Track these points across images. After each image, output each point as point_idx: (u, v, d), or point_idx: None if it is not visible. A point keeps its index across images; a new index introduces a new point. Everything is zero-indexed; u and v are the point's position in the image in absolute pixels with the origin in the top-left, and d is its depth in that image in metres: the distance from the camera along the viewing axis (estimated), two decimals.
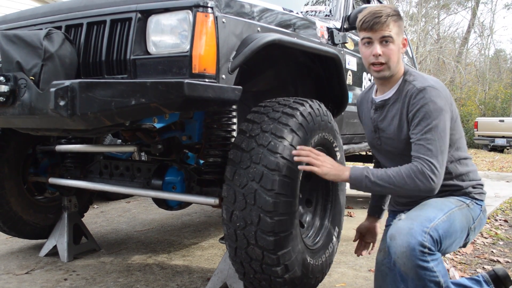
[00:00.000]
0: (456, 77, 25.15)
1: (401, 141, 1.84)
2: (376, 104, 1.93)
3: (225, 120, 2.24)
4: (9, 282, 2.55)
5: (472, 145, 18.09)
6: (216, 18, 1.82)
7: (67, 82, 1.64)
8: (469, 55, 28.78)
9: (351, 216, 4.29)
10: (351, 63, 3.26)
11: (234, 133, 2.25)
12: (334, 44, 2.95)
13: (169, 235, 3.63)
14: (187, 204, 2.78)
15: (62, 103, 1.63)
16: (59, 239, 2.99)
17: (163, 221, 4.15)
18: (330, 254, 2.40)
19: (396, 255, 1.58)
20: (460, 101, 22.24)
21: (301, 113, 2.05)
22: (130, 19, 1.90)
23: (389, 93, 1.88)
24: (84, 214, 3.40)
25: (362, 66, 3.45)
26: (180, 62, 1.79)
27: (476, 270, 2.85)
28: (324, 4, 3.44)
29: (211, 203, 2.16)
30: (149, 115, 1.89)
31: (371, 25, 1.75)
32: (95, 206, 4.81)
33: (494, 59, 27.48)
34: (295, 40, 2.31)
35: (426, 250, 1.55)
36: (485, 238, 3.67)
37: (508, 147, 16.07)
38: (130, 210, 4.68)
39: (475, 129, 16.66)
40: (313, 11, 3.38)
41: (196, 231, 3.76)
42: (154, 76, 1.84)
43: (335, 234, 2.48)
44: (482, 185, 1.93)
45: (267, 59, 2.55)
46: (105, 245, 3.30)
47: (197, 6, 1.78)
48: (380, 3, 4.11)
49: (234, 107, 2.27)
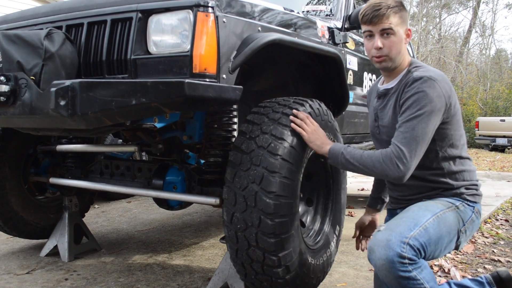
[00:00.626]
0: (457, 77, 25.14)
1: (395, 130, 1.83)
2: (379, 93, 1.94)
3: (226, 120, 2.24)
4: (10, 282, 2.55)
5: (473, 145, 18.08)
6: (217, 18, 1.82)
7: (68, 82, 1.64)
8: (470, 55, 28.77)
9: (352, 216, 4.29)
10: (352, 63, 3.25)
11: (235, 133, 2.25)
12: (335, 44, 2.95)
13: (170, 235, 3.63)
14: (188, 204, 2.78)
15: (63, 103, 1.63)
16: (60, 239, 2.99)
17: (164, 221, 4.15)
18: (331, 254, 2.40)
19: (377, 268, 1.57)
20: (462, 101, 22.22)
21: None
22: (131, 19, 1.90)
23: (393, 83, 1.88)
24: (85, 214, 3.41)
25: (363, 66, 3.45)
26: (181, 62, 1.79)
27: (477, 270, 2.84)
28: (325, 4, 3.44)
29: (212, 203, 2.15)
30: (150, 115, 1.89)
31: (371, 18, 1.77)
32: (96, 206, 4.81)
33: (495, 59, 27.46)
34: (296, 40, 2.31)
35: (406, 261, 1.53)
36: (486, 238, 3.67)
37: (509, 147, 16.06)
38: (131, 210, 4.68)
39: (476, 129, 16.66)
40: (314, 11, 3.38)
41: (197, 231, 3.76)
42: (155, 76, 1.84)
43: (336, 234, 2.48)
44: (478, 186, 1.89)
45: (268, 59, 2.55)
46: (106, 245, 3.30)
47: (198, 6, 1.78)
48: None
49: (235, 107, 2.27)
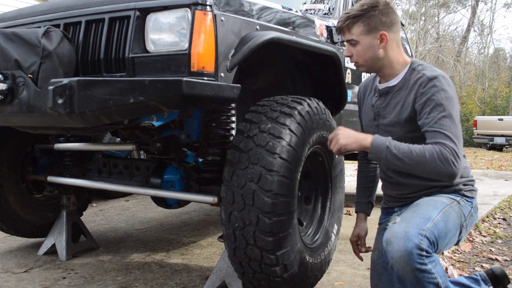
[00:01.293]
0: (456, 76, 25.16)
1: (401, 129, 1.83)
2: (380, 91, 1.93)
3: (224, 119, 2.24)
4: (8, 281, 2.55)
5: (471, 144, 18.11)
6: (215, 16, 1.82)
7: (66, 80, 1.64)
8: (469, 54, 28.80)
9: (350, 215, 4.30)
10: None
11: (233, 132, 2.25)
12: (333, 43, 2.95)
13: (168, 234, 3.63)
14: (186, 203, 2.78)
15: (60, 101, 1.63)
16: (58, 238, 2.99)
17: (162, 220, 4.15)
18: (329, 252, 2.40)
19: (394, 260, 1.56)
20: (460, 100, 22.25)
21: (299, 112, 2.05)
22: (129, 17, 1.89)
23: (395, 81, 1.87)
24: (83, 213, 3.40)
25: None
26: (179, 60, 1.79)
27: (475, 269, 2.85)
28: (323, 3, 3.43)
29: (210, 202, 2.15)
30: (148, 113, 1.89)
31: (338, 31, 1.88)
32: (94, 205, 4.81)
33: (494, 58, 27.48)
34: (294, 39, 2.31)
35: (424, 253, 1.54)
36: (484, 237, 3.68)
37: (507, 146, 16.09)
38: (129, 209, 4.68)
39: (474, 128, 16.68)
40: (312, 10, 3.38)
41: (195, 230, 3.76)
42: (153, 74, 1.84)
43: (334, 232, 2.49)
44: (474, 182, 1.92)
45: (266, 57, 2.55)
46: (104, 244, 3.30)
47: (196, 4, 1.78)
48: None
49: (233, 106, 2.27)
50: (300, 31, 2.50)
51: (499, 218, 4.46)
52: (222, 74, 1.86)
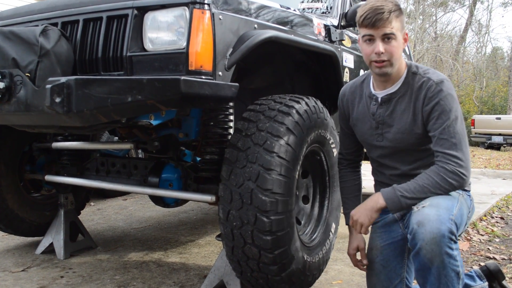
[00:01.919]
0: (454, 75, 25.20)
1: (413, 135, 1.80)
2: (383, 99, 1.85)
3: (222, 117, 2.24)
4: (5, 280, 2.55)
5: (469, 143, 18.11)
6: (213, 15, 1.82)
7: (63, 79, 1.63)
8: (467, 53, 28.85)
9: None
10: (348, 61, 3.26)
11: (231, 131, 2.25)
12: (331, 42, 2.95)
13: (166, 233, 3.63)
14: (184, 202, 2.77)
15: (58, 100, 1.62)
16: (56, 237, 2.98)
17: (160, 219, 4.15)
18: (327, 251, 2.40)
19: (424, 242, 1.54)
20: (458, 99, 22.21)
21: (297, 111, 2.05)
22: (127, 16, 1.89)
23: (395, 87, 1.82)
24: (81, 212, 3.40)
25: (359, 64, 3.45)
26: (177, 59, 1.79)
27: (472, 267, 2.85)
28: (321, 1, 3.43)
29: (208, 201, 2.15)
30: (146, 112, 1.89)
31: (373, 22, 1.68)
32: (92, 204, 4.80)
33: (491, 57, 27.54)
34: (292, 37, 2.31)
35: (453, 238, 1.54)
36: (481, 235, 3.68)
37: (505, 145, 16.12)
38: (127, 208, 4.68)
39: (472, 127, 16.70)
40: (310, 8, 3.37)
41: (193, 229, 3.76)
42: (151, 73, 1.83)
43: (332, 231, 2.49)
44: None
45: (264, 56, 2.55)
46: (102, 243, 3.30)
47: (194, 3, 1.78)
48: None
49: (231, 104, 2.26)
50: (298, 30, 2.50)
51: (497, 217, 4.47)
52: (220, 73, 1.85)
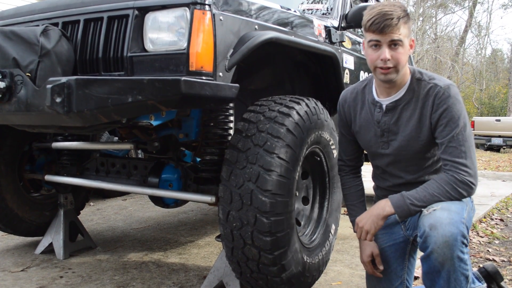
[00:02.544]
0: (453, 77, 25.22)
1: (419, 142, 1.78)
2: (388, 107, 1.82)
3: (222, 118, 2.24)
4: (5, 280, 2.54)
5: None
6: (214, 16, 1.82)
7: (64, 79, 1.63)
8: (466, 55, 28.88)
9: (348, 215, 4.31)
10: (349, 62, 3.26)
11: (231, 131, 2.25)
12: (332, 43, 2.95)
13: (166, 233, 3.62)
14: (184, 202, 2.78)
15: (59, 100, 1.62)
16: (55, 237, 2.98)
17: (160, 219, 4.15)
18: (327, 252, 2.40)
19: (437, 245, 1.53)
20: None
21: (297, 112, 2.05)
22: (127, 16, 1.89)
23: (399, 94, 1.79)
24: (80, 212, 3.40)
25: (360, 65, 3.45)
26: (177, 60, 1.79)
27: (472, 270, 2.85)
28: (322, 3, 3.44)
29: (208, 201, 2.15)
30: (146, 113, 1.88)
31: (382, 28, 1.64)
32: (91, 204, 4.80)
33: (491, 59, 27.56)
34: (293, 39, 2.31)
35: (465, 241, 1.54)
36: (481, 237, 3.68)
37: (505, 147, 16.14)
38: (127, 208, 4.68)
39: (472, 129, 16.66)
40: (311, 9, 3.38)
41: (193, 229, 3.76)
42: (151, 74, 1.83)
43: (332, 232, 2.49)
44: None
45: (265, 57, 2.55)
46: (101, 243, 3.30)
47: (195, 4, 1.78)
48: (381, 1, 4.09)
49: (231, 105, 2.26)
50: (299, 31, 2.50)
51: (497, 219, 4.47)
52: (221, 74, 1.86)
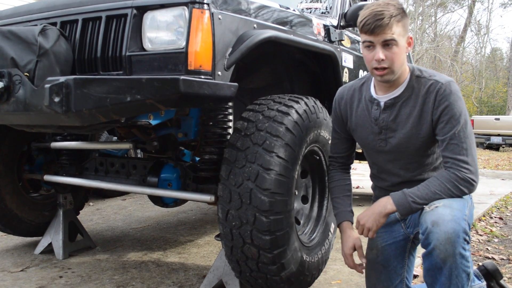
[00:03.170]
0: (453, 76, 25.23)
1: (419, 139, 1.77)
2: (386, 104, 1.81)
3: (221, 117, 2.23)
4: (4, 280, 2.54)
5: None
6: (212, 15, 1.82)
7: (62, 79, 1.63)
8: (466, 54, 28.90)
9: None
10: (348, 61, 3.26)
11: (230, 130, 2.25)
12: (331, 42, 2.95)
13: (165, 233, 3.62)
14: (183, 202, 2.77)
15: (57, 100, 1.62)
16: (54, 237, 2.98)
17: (159, 219, 4.15)
18: (326, 251, 2.40)
19: (439, 241, 1.53)
20: None
21: (296, 111, 2.05)
22: (126, 15, 1.89)
23: (398, 91, 1.78)
24: (80, 212, 3.40)
25: (359, 64, 3.45)
26: (176, 59, 1.78)
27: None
28: (321, 1, 3.43)
29: (207, 200, 2.15)
30: (145, 112, 1.88)
31: (372, 28, 1.63)
32: (91, 204, 4.80)
33: (491, 58, 27.57)
34: (292, 37, 2.31)
35: (467, 238, 1.54)
36: (480, 236, 3.69)
37: (504, 145, 16.15)
38: (126, 208, 4.67)
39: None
40: (310, 8, 3.37)
41: (192, 229, 3.76)
42: (150, 73, 1.83)
43: (331, 231, 2.49)
44: None
45: (264, 56, 2.54)
46: (101, 243, 3.29)
47: (193, 3, 1.78)
48: None
49: (230, 104, 2.26)
50: (298, 30, 2.50)
51: (496, 217, 4.48)
52: (219, 73, 1.85)
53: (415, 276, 2.51)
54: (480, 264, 2.14)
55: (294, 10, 2.60)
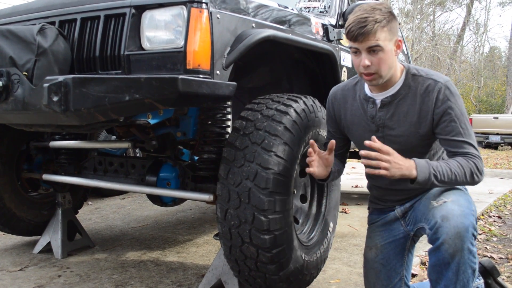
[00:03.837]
0: (451, 74, 25.25)
1: (418, 137, 1.77)
2: (382, 101, 1.81)
3: (220, 116, 2.24)
4: (3, 279, 2.54)
5: None
6: (211, 14, 1.81)
7: (61, 78, 1.63)
8: (464, 53, 28.92)
9: (346, 213, 4.30)
10: (346, 60, 3.25)
11: (229, 129, 2.25)
12: (329, 41, 2.95)
13: (164, 232, 3.62)
14: (182, 201, 2.78)
15: (56, 99, 1.62)
16: (53, 236, 2.98)
17: (158, 218, 4.15)
18: (325, 250, 2.40)
19: (448, 236, 1.53)
20: None
21: (295, 110, 2.05)
22: (124, 15, 1.88)
23: (394, 89, 1.78)
24: (78, 211, 3.39)
25: None
26: (174, 58, 1.78)
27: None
28: (319, 1, 3.43)
29: (206, 200, 2.15)
30: (143, 111, 1.88)
31: (356, 36, 1.63)
32: (90, 203, 4.80)
33: (489, 57, 27.60)
34: (290, 36, 2.31)
35: (475, 234, 1.56)
36: (479, 235, 3.69)
37: (502, 144, 16.16)
38: (125, 207, 4.67)
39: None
40: (308, 7, 3.37)
41: (191, 228, 3.76)
42: (148, 72, 1.83)
43: (330, 230, 2.49)
44: None
45: (262, 55, 2.54)
46: (100, 242, 3.29)
47: (192, 2, 1.77)
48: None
49: (229, 103, 2.26)
50: (296, 29, 2.50)
51: (494, 216, 4.48)
52: (218, 72, 1.85)
53: (414, 275, 2.52)
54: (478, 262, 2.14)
55: (293, 9, 2.60)
